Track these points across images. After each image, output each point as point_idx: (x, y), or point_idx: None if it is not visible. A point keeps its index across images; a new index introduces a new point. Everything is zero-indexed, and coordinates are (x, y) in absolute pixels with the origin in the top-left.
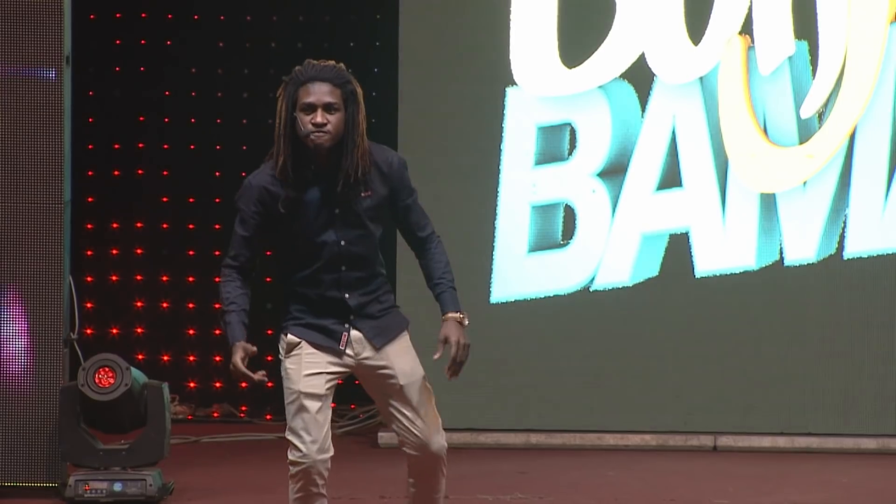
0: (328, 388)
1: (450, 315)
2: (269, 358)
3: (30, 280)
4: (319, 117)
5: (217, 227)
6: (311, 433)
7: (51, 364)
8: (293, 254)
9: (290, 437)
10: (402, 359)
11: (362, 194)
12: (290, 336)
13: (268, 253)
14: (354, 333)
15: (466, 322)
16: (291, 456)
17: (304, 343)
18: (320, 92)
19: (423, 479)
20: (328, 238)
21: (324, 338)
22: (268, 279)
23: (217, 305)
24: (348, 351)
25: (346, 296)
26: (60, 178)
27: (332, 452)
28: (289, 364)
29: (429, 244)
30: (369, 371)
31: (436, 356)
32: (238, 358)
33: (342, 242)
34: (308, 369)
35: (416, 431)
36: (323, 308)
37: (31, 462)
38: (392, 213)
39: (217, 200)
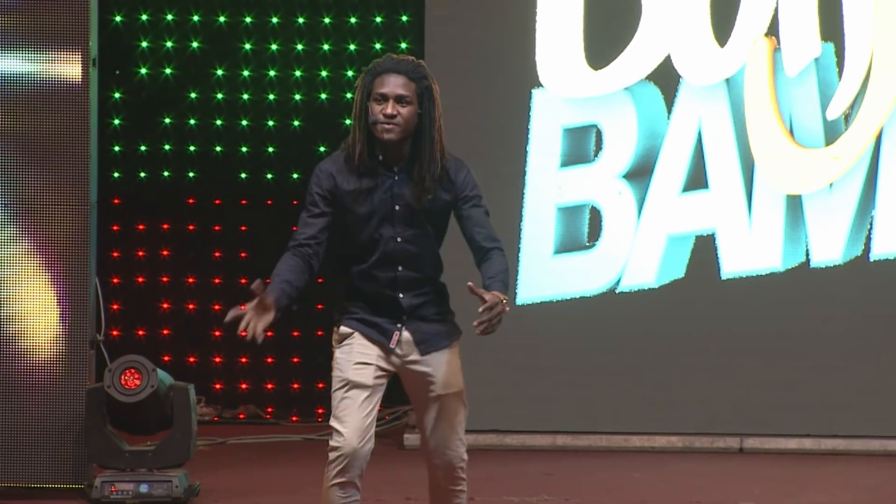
0: (376, 381)
1: (496, 291)
2: (296, 360)
3: (57, 282)
4: (390, 108)
5: (243, 228)
6: (354, 420)
7: (77, 365)
8: (351, 246)
9: (334, 424)
10: (444, 369)
11: (428, 195)
12: (342, 328)
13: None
14: (405, 335)
15: (507, 307)
16: (332, 442)
17: (356, 334)
18: (394, 83)
19: (442, 489)
20: (386, 233)
21: (376, 333)
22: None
23: (243, 306)
24: (397, 350)
25: (400, 295)
26: (87, 179)
27: (372, 444)
28: (339, 354)
29: (492, 253)
30: (411, 374)
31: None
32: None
33: (398, 239)
34: (358, 358)
35: (438, 441)
36: (377, 305)
37: (58, 463)
38: (459, 220)
39: (243, 202)
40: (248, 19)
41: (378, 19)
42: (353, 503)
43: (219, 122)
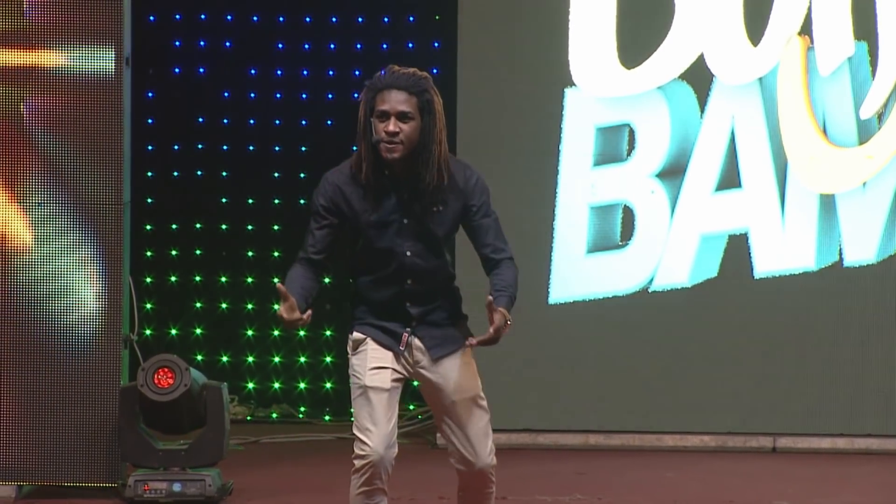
0: (393, 384)
1: (501, 309)
2: (328, 359)
3: (90, 281)
4: (392, 126)
5: (275, 227)
6: (378, 426)
7: (111, 364)
8: (361, 257)
9: (357, 432)
10: (456, 374)
11: (434, 208)
12: (355, 334)
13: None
14: (415, 340)
15: (510, 324)
16: (357, 450)
17: (368, 339)
18: (395, 100)
19: (470, 493)
20: (395, 247)
21: (386, 337)
22: (326, 279)
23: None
24: (406, 355)
25: (408, 304)
26: (120, 179)
27: (396, 449)
28: (355, 360)
29: (501, 265)
30: (424, 379)
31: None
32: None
33: (408, 253)
34: (373, 363)
35: (461, 448)
36: (386, 313)
37: (91, 462)
38: (467, 231)
39: (276, 201)
40: (281, 18)
41: (411, 18)
42: None
43: (252, 121)
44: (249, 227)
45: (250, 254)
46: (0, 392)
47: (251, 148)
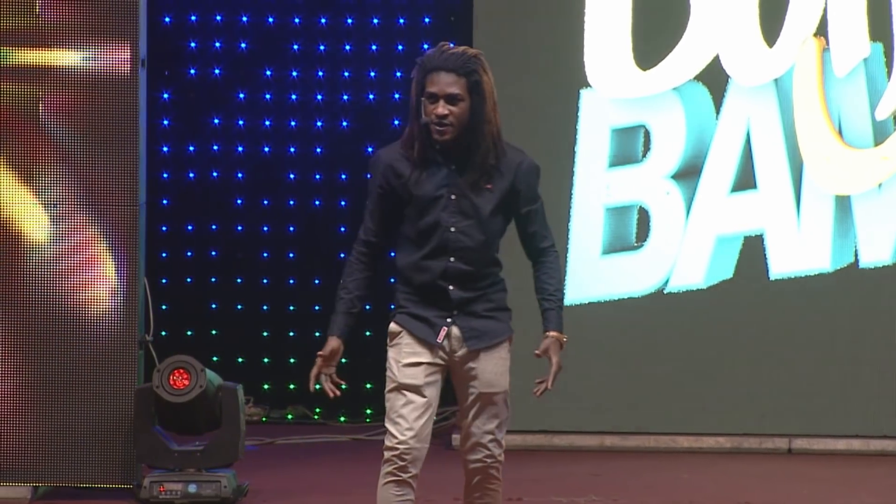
0: (428, 378)
1: (553, 333)
2: (343, 360)
3: (106, 282)
4: (441, 108)
5: (291, 229)
6: (406, 421)
7: (126, 365)
8: (406, 236)
9: (387, 425)
10: (489, 367)
11: (483, 185)
12: (392, 325)
13: None
14: (454, 330)
15: (565, 342)
16: (387, 442)
17: (404, 332)
18: (444, 82)
19: (476, 488)
20: (441, 221)
21: (423, 329)
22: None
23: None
24: (444, 344)
25: (451, 287)
26: (135, 180)
27: (426, 444)
28: (390, 353)
29: (545, 257)
30: (458, 368)
31: (538, 352)
32: (320, 354)
33: (452, 229)
34: (406, 359)
35: (475, 438)
36: (427, 298)
37: (107, 463)
38: (514, 217)
39: (291, 203)
40: (296, 20)
41: (426, 20)
42: (406, 502)
43: (267, 123)
44: (265, 229)
45: (265, 255)
46: (15, 393)
47: (266, 149)
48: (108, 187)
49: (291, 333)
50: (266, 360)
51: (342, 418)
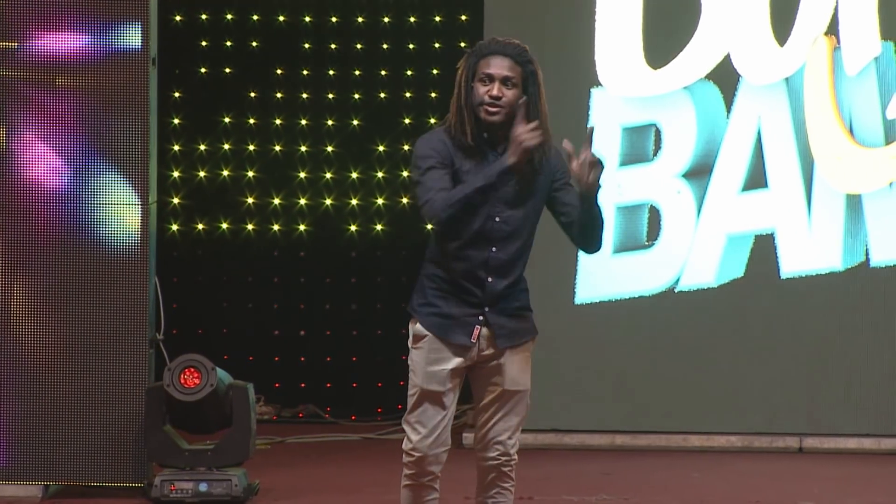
0: (450, 384)
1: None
2: (354, 359)
3: (116, 281)
4: (496, 90)
5: (301, 228)
6: (426, 426)
7: (137, 364)
8: None
9: (406, 427)
10: (515, 366)
11: (530, 177)
12: (417, 325)
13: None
14: (485, 330)
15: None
16: (405, 445)
17: (430, 336)
18: (500, 65)
19: (490, 486)
20: (484, 211)
21: (453, 331)
22: (353, 279)
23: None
24: (476, 346)
25: (490, 279)
26: (146, 179)
27: (446, 447)
28: (414, 355)
29: None
30: (482, 365)
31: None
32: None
33: (496, 218)
34: (431, 365)
35: (493, 436)
36: (459, 291)
37: (118, 462)
38: (551, 199)
39: (301, 202)
40: (307, 19)
41: (437, 19)
42: (427, 503)
43: (278, 122)
44: (275, 228)
45: (276, 253)
46: (26, 392)
47: (277, 148)
48: (120, 185)
49: (302, 332)
50: (277, 358)
51: (353, 417)
